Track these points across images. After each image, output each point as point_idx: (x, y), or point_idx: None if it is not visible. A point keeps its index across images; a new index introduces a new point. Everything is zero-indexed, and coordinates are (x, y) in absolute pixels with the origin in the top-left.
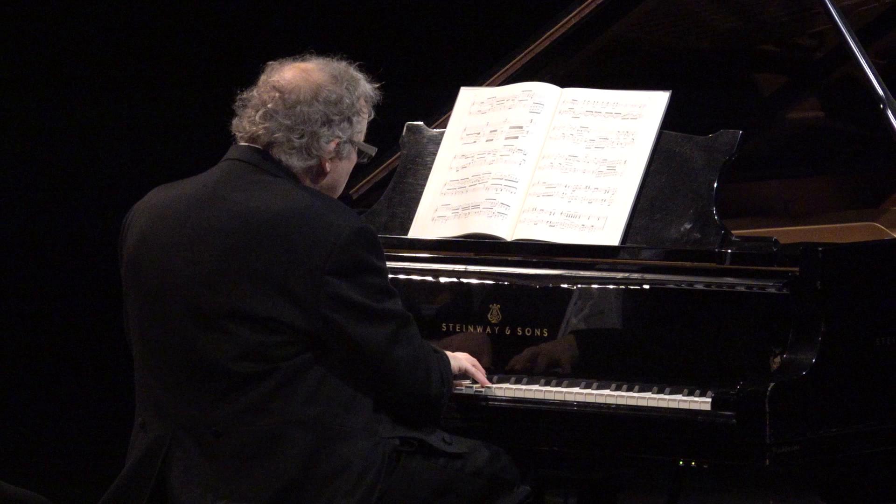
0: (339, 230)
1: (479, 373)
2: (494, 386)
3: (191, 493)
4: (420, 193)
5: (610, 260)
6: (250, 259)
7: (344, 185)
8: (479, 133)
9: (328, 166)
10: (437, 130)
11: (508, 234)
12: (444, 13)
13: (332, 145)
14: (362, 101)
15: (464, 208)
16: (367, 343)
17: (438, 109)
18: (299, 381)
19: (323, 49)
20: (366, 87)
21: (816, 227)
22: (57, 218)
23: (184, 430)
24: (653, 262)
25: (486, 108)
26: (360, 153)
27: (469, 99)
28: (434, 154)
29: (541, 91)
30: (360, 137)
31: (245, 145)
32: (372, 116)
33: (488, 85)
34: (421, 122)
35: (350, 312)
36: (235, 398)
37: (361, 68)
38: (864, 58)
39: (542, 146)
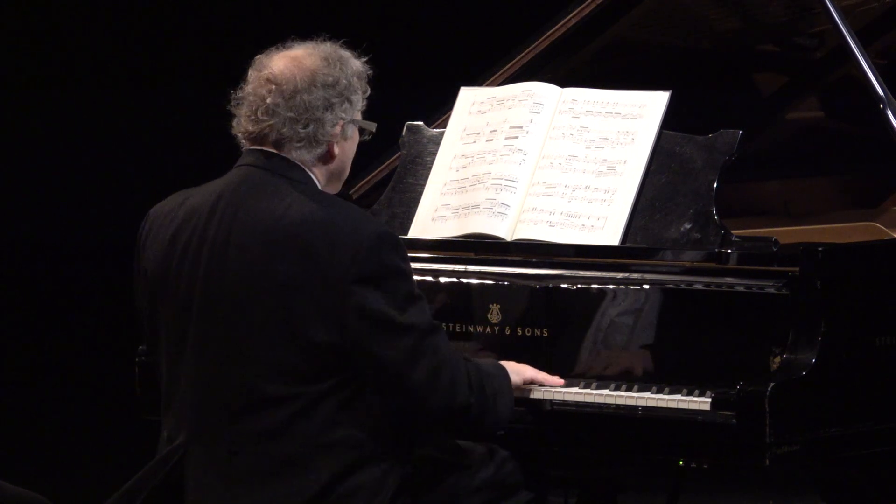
0: (361, 236)
1: (540, 375)
2: None
3: None
4: (420, 193)
5: (610, 260)
6: (275, 271)
7: (349, 167)
8: (479, 133)
9: (336, 149)
10: (437, 130)
11: (508, 234)
12: (444, 13)
13: (338, 128)
14: (356, 79)
15: (464, 208)
16: (387, 359)
17: (438, 109)
18: (319, 408)
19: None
20: (356, 64)
21: (816, 227)
22: (60, 220)
23: (200, 445)
24: (652, 262)
25: (486, 108)
26: (361, 131)
27: (469, 99)
28: (434, 154)
29: (541, 91)
30: (360, 115)
31: (258, 149)
32: (368, 92)
33: (488, 85)
34: (421, 122)
35: (373, 324)
36: (254, 419)
37: (346, 45)
38: (864, 58)
39: (542, 146)
